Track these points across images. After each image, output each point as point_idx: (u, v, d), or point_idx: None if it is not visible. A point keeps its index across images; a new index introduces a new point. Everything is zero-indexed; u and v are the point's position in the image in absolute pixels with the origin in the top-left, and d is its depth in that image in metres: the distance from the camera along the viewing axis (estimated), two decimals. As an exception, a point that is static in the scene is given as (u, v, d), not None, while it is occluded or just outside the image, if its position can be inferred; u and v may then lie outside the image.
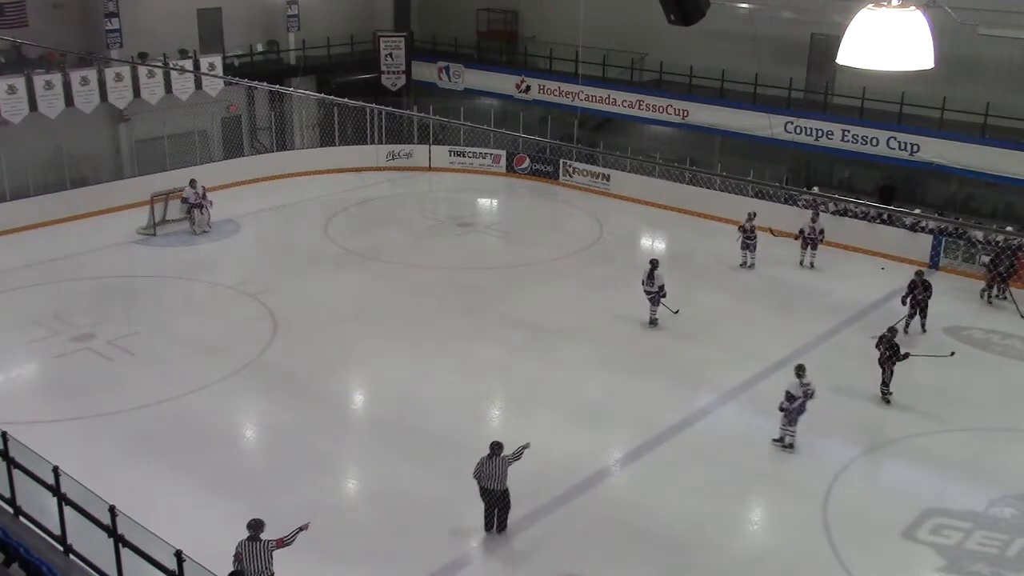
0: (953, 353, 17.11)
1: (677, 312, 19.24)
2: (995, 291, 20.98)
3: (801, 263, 22.87)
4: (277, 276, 21.75)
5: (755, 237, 22.59)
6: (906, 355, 16.00)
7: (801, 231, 22.84)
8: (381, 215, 27.22)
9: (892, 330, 16.33)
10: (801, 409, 14.61)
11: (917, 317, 19.05)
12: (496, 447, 12.38)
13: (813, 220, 22.84)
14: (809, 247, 22.80)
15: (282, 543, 10.38)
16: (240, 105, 30.86)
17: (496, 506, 12.51)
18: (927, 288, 18.82)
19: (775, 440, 14.90)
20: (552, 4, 31.74)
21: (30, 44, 22.15)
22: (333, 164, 30.46)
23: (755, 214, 22.85)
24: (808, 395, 14.55)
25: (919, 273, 18.79)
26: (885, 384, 16.30)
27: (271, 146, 31.41)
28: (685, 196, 26.97)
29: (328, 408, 16.10)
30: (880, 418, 15.89)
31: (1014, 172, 23.07)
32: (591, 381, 17.01)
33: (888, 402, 16.25)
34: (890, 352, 16.04)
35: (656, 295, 18.95)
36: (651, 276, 18.86)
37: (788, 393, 14.54)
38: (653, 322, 19.23)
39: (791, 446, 14.83)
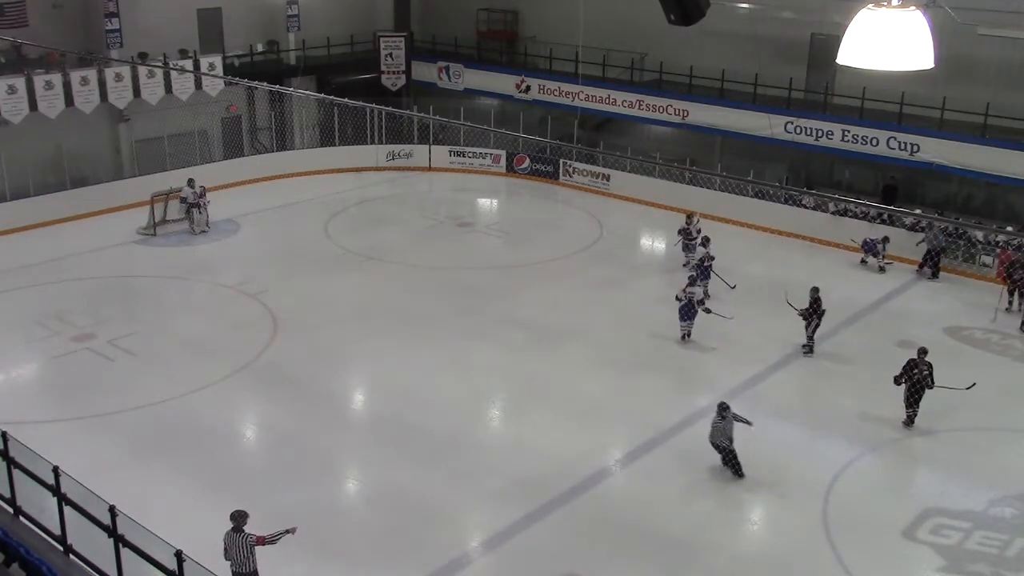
0: (974, 384, 15.85)
1: (734, 287, 20.12)
2: (1015, 300, 20.30)
3: (864, 262, 23.23)
4: (277, 276, 21.75)
5: (695, 238, 22.02)
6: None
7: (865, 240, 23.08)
8: (381, 215, 27.21)
9: (925, 350, 15.39)
10: (689, 310, 18.22)
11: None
12: (722, 408, 13.95)
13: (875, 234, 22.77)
14: (871, 254, 22.95)
15: (263, 541, 10.26)
16: (240, 105, 30.84)
17: (725, 461, 14.08)
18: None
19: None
20: (552, 4, 31.73)
21: (30, 44, 22.14)
22: (333, 164, 30.46)
23: (693, 214, 22.58)
24: (691, 299, 18.09)
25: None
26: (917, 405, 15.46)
27: (271, 146, 31.40)
28: (685, 196, 26.91)
29: (328, 408, 16.10)
30: (880, 418, 15.87)
31: (1014, 172, 23.06)
32: (591, 381, 17.01)
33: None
34: (929, 371, 15.22)
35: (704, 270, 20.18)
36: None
37: (676, 296, 18.36)
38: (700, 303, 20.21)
39: (684, 336, 18.53)
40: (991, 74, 24.09)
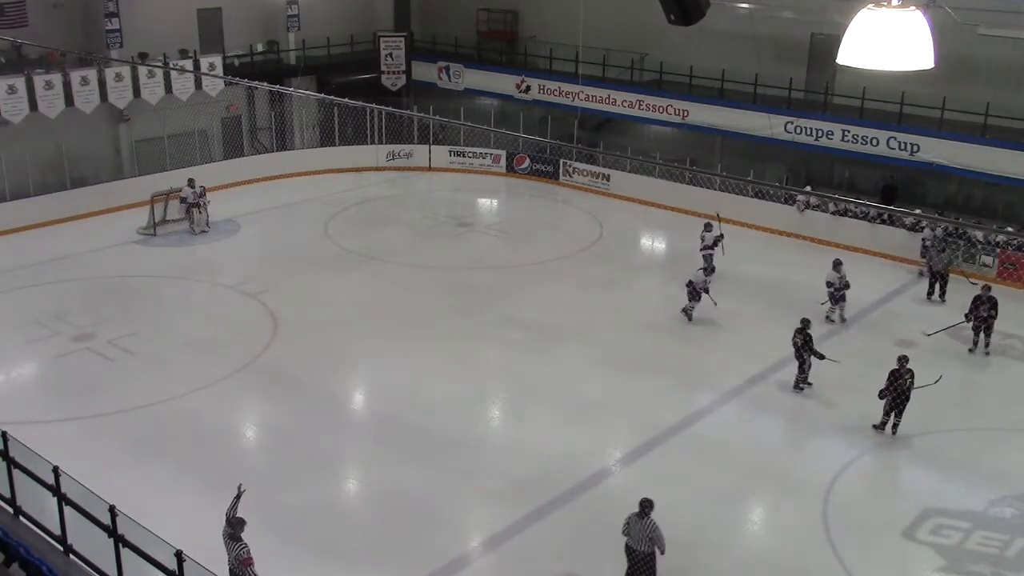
0: (940, 377, 15.95)
1: (716, 304, 19.49)
2: (982, 341, 18.51)
3: (921, 274, 22.24)
4: (277, 276, 21.75)
5: (712, 247, 21.70)
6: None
7: (924, 239, 22.41)
8: (381, 215, 27.22)
9: (906, 358, 15.24)
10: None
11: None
12: (644, 503, 11.24)
13: (933, 230, 22.03)
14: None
15: (249, 563, 10.09)
16: (240, 105, 30.86)
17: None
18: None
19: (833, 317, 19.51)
20: (552, 4, 31.74)
21: (30, 44, 22.15)
22: (333, 164, 30.46)
23: (712, 224, 22.10)
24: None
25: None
26: (899, 415, 15.23)
27: (271, 146, 31.41)
28: (685, 196, 26.96)
29: (328, 408, 16.10)
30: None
31: (1014, 172, 23.06)
32: (591, 381, 17.01)
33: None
34: (911, 379, 15.03)
35: (692, 291, 19.30)
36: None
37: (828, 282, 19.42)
38: (686, 313, 19.52)
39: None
40: (991, 74, 24.08)
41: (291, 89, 20.19)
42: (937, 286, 21.02)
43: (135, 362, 17.45)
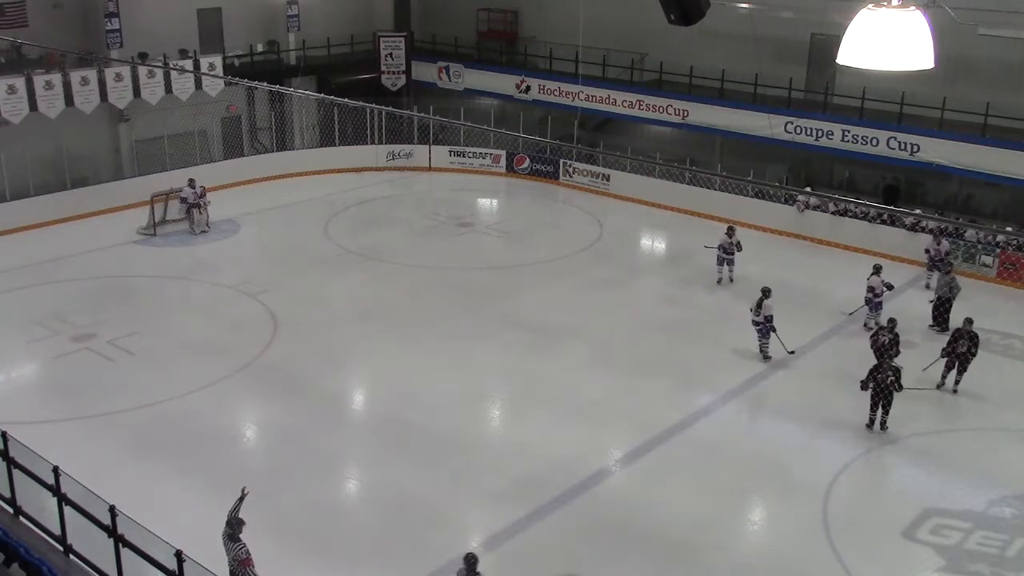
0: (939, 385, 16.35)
1: (792, 352, 18.03)
2: (954, 377, 16.97)
3: (927, 286, 21.28)
4: (277, 276, 21.75)
5: (732, 253, 21.59)
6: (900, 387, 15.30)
7: (927, 250, 21.72)
8: (381, 215, 27.22)
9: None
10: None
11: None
12: (470, 559, 10.63)
13: (937, 243, 21.46)
14: (937, 270, 20.72)
15: (249, 563, 10.13)
16: (240, 105, 30.85)
17: None
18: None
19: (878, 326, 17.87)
20: (552, 4, 31.74)
21: (30, 44, 22.15)
22: (333, 164, 30.46)
23: (734, 229, 21.99)
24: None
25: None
26: (887, 411, 15.30)
27: (271, 146, 31.41)
28: (685, 196, 26.97)
29: (328, 408, 16.10)
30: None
31: (1014, 172, 23.06)
32: (591, 381, 17.01)
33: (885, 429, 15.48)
34: (895, 375, 15.10)
35: (764, 326, 17.81)
36: (759, 305, 17.82)
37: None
38: (765, 356, 17.95)
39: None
40: (991, 74, 24.08)
41: (291, 89, 20.21)
42: (940, 315, 19.21)
43: (135, 362, 17.45)
